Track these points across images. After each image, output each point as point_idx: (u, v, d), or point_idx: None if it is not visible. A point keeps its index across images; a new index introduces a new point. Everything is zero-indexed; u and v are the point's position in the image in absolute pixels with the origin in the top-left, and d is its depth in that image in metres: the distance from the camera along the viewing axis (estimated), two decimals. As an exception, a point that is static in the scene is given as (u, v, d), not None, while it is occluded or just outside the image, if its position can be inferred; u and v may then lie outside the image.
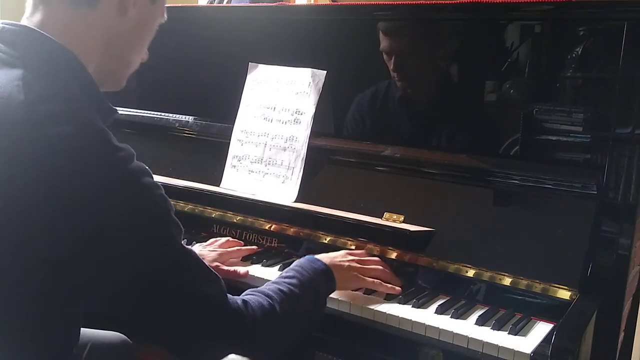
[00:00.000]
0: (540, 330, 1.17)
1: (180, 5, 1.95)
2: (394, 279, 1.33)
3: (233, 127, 1.70)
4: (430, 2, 1.46)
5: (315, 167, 1.58)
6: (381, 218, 1.42)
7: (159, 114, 1.88)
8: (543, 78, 1.40)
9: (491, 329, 1.16)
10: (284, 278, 1.15)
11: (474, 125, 1.49)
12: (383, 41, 1.53)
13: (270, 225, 1.56)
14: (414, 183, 1.46)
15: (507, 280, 1.26)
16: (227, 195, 1.62)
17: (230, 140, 1.70)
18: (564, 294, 1.20)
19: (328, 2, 2.09)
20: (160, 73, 1.90)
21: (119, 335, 1.35)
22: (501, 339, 1.12)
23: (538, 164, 1.33)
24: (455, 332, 1.15)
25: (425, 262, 1.34)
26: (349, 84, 1.62)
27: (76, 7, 0.98)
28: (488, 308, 1.24)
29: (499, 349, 1.11)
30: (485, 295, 1.29)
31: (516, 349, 1.09)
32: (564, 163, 1.35)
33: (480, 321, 1.18)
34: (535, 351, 1.08)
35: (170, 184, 1.66)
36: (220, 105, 1.76)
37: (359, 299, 1.28)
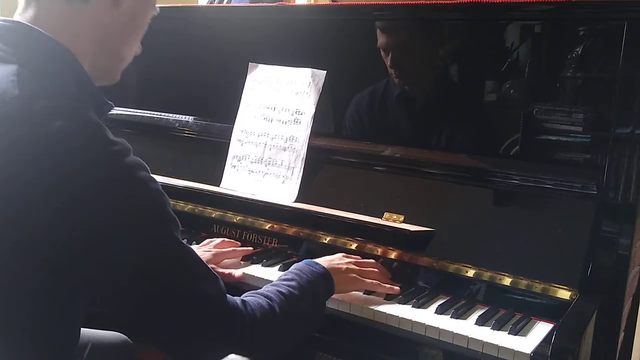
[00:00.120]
0: (540, 330, 1.17)
1: (180, 5, 1.95)
2: (390, 281, 1.33)
3: (233, 127, 1.70)
4: (430, 2, 1.46)
5: (315, 167, 1.58)
6: (381, 218, 1.42)
7: (159, 114, 1.88)
8: (543, 78, 1.40)
9: (491, 329, 1.16)
10: (283, 281, 1.15)
11: (474, 126, 1.49)
12: (383, 41, 1.53)
13: (270, 225, 1.56)
14: (414, 183, 1.46)
15: (507, 280, 1.26)
16: (227, 195, 1.62)
17: (230, 140, 1.70)
18: (564, 294, 1.20)
19: (328, 2, 2.09)
20: (160, 73, 1.91)
21: (119, 335, 1.35)
22: (501, 339, 1.13)
23: (538, 164, 1.33)
24: (455, 332, 1.15)
25: (425, 262, 1.34)
26: (349, 84, 1.62)
27: (70, 2, 0.98)
28: (488, 308, 1.24)
29: (499, 349, 1.11)
30: (485, 295, 1.29)
31: (516, 349, 1.09)
32: (564, 163, 1.35)
33: (480, 321, 1.18)
34: (535, 351, 1.08)
35: (170, 184, 1.65)
36: (220, 105, 1.76)
37: (358, 299, 1.27)
